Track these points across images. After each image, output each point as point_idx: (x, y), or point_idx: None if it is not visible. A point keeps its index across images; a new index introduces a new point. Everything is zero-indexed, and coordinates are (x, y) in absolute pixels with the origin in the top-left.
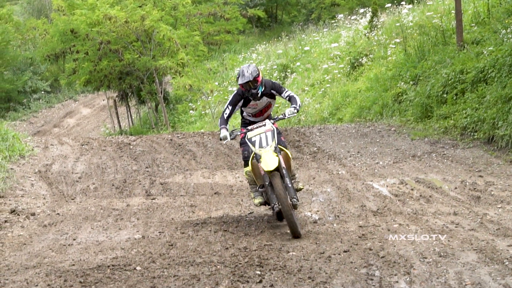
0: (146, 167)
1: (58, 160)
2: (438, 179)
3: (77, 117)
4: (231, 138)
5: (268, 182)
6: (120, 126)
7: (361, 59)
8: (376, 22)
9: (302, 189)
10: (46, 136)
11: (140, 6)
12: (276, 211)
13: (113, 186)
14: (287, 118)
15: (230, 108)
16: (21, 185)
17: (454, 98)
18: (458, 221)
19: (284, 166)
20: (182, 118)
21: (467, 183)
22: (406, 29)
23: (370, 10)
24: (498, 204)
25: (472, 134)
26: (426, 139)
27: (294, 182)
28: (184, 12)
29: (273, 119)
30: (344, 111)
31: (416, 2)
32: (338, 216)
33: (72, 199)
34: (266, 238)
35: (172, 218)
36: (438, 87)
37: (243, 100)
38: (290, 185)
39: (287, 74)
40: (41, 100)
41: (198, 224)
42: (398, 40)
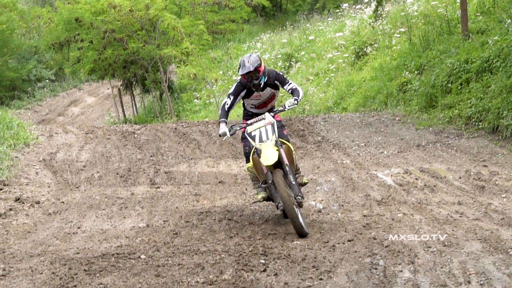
0: (151, 156)
1: (63, 148)
2: (442, 169)
3: (81, 105)
4: (231, 134)
5: (271, 181)
6: (124, 115)
7: (365, 49)
8: (381, 12)
9: (307, 183)
10: (50, 124)
11: None
12: (280, 210)
13: (117, 174)
14: (287, 110)
15: (231, 98)
16: (25, 173)
17: (459, 87)
18: (463, 210)
19: (286, 161)
20: (187, 107)
21: (472, 173)
22: (411, 18)
23: None
24: (503, 193)
25: (476, 123)
26: (430, 129)
27: (299, 176)
28: (188, 1)
29: (273, 112)
30: (348, 101)
31: None
32: (343, 205)
33: (76, 188)
34: (270, 227)
35: (176, 207)
36: (443, 77)
37: (246, 90)
38: (294, 182)
39: (292, 63)
40: (45, 88)
41: (202, 213)
42: (403, 29)
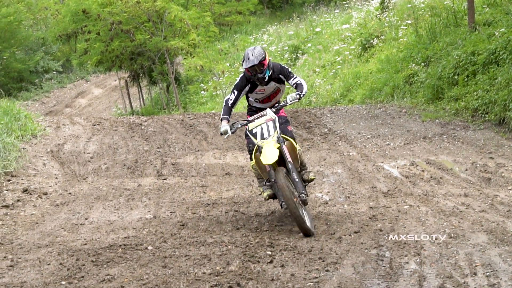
0: (158, 148)
1: (70, 140)
2: (448, 161)
3: (88, 97)
4: (232, 132)
5: (274, 179)
6: (131, 106)
7: (372, 41)
8: (387, 4)
9: (314, 179)
10: (58, 116)
11: None
12: (284, 208)
13: (124, 166)
14: (289, 105)
15: (235, 93)
16: (33, 164)
17: (465, 79)
18: (469, 202)
19: (289, 159)
20: (193, 99)
21: (478, 165)
22: (418, 10)
23: None
24: (509, 185)
25: (483, 115)
26: (437, 121)
27: (305, 172)
28: None
29: (274, 107)
30: (355, 93)
31: None
32: (349, 197)
33: (84, 179)
34: (277, 218)
35: (183, 198)
36: (449, 69)
37: (250, 84)
38: (297, 179)
39: (298, 55)
40: (53, 80)
41: (209, 204)
42: (409, 21)
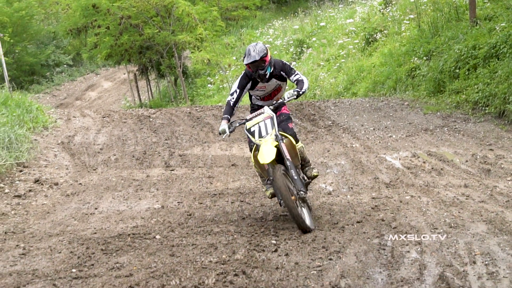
0: (166, 139)
1: (80, 131)
2: (449, 152)
3: (98, 90)
4: (230, 132)
5: (272, 177)
6: (140, 99)
7: (375, 35)
8: None
9: (317, 176)
10: (68, 108)
11: None
12: (284, 206)
13: (133, 157)
14: (287, 102)
15: (237, 92)
16: (44, 155)
17: (466, 73)
18: (469, 193)
19: (287, 156)
20: (201, 92)
21: (478, 156)
22: (420, 5)
23: None
24: (508, 176)
25: (483, 108)
26: (438, 114)
27: (309, 169)
28: None
29: (272, 105)
30: (358, 86)
31: None
32: (352, 188)
33: (93, 170)
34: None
35: (190, 189)
36: (451, 63)
37: (251, 82)
38: (295, 177)
39: (303, 49)
40: (63, 73)
41: (215, 195)
42: (412, 16)
